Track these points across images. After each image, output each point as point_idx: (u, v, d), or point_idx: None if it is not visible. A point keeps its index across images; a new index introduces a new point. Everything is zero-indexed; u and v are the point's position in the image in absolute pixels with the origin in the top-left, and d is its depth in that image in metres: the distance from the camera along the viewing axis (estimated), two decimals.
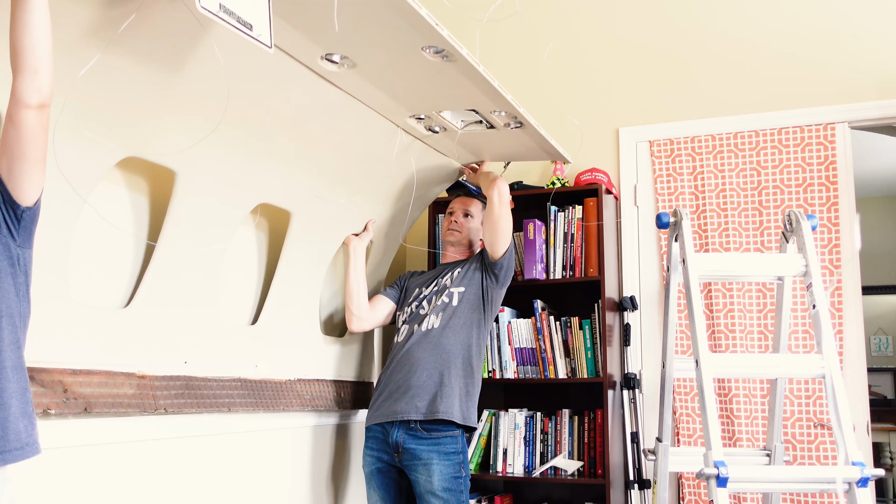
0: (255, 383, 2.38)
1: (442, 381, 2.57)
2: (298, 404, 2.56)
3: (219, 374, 2.24)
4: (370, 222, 2.82)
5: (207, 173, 2.04)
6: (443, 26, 1.76)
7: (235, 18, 1.44)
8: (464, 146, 2.66)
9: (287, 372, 2.55)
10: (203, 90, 1.83)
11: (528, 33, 3.65)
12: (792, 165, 3.12)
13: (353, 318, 2.79)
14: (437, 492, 2.50)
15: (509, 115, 2.35)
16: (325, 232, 2.64)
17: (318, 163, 2.37)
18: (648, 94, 3.40)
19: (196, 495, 2.18)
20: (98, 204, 1.88)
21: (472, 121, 2.44)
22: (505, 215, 2.63)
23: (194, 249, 2.08)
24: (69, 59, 1.53)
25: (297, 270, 2.57)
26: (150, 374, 2.00)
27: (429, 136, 2.55)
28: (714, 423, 2.13)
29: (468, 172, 2.88)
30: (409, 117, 2.39)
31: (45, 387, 1.70)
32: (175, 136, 1.89)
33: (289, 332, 2.57)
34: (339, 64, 1.97)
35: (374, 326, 2.89)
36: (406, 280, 2.93)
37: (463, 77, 2.05)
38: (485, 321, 2.73)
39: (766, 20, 3.26)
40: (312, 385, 2.67)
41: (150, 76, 1.71)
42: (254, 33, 1.49)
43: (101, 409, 1.83)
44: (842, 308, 2.99)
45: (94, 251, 1.92)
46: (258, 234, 2.53)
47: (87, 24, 1.53)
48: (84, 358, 1.82)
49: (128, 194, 2.05)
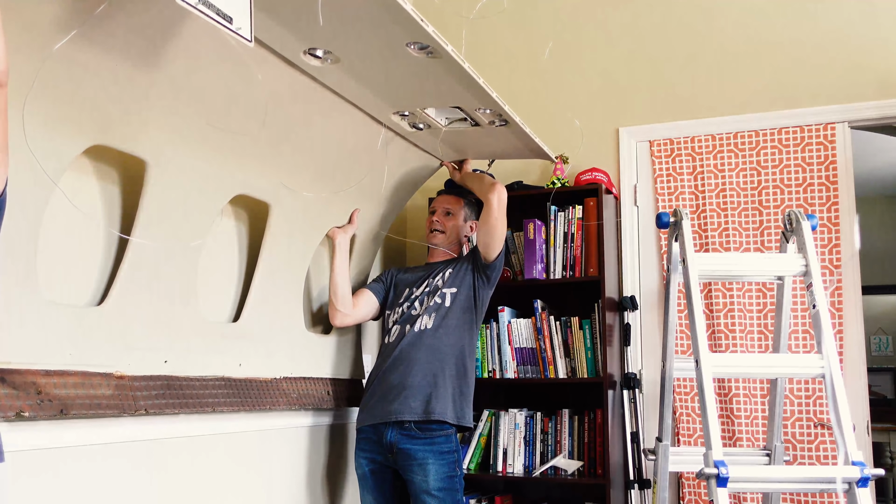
0: (240, 382, 2.32)
1: (436, 382, 2.57)
2: (285, 403, 2.51)
3: (201, 374, 2.17)
4: (355, 213, 2.78)
5: (180, 163, 1.99)
6: (428, 22, 1.75)
7: (215, 11, 1.41)
8: (447, 143, 2.66)
9: (272, 370, 2.49)
10: (177, 80, 1.80)
11: (528, 33, 3.65)
12: (792, 165, 3.12)
13: (336, 314, 2.75)
14: (433, 491, 2.50)
15: (494, 112, 2.34)
16: (306, 225, 2.60)
17: (297, 155, 2.34)
18: (648, 94, 3.40)
19: (180, 501, 2.13)
20: (70, 195, 1.81)
21: (457, 118, 2.44)
22: (502, 220, 2.64)
23: (170, 243, 2.01)
24: (40, 41, 1.50)
25: (280, 264, 2.51)
26: (129, 374, 1.93)
27: (412, 132, 2.54)
28: (714, 423, 2.13)
29: (451, 170, 2.88)
30: (392, 114, 2.38)
31: (17, 388, 1.63)
32: (146, 125, 1.84)
33: (273, 328, 2.51)
34: (322, 59, 1.96)
35: (357, 322, 2.86)
36: (393, 276, 2.89)
37: (448, 74, 2.04)
38: (476, 322, 2.74)
39: (765, 20, 3.26)
40: (299, 383, 2.62)
41: (123, 63, 1.68)
42: (233, 26, 1.47)
43: (77, 411, 1.77)
44: (842, 308, 2.99)
45: (64, 246, 1.85)
46: (238, 227, 2.48)
47: (61, 8, 1.50)
48: (58, 358, 1.75)
49: (98, 186, 1.98)
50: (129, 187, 2.04)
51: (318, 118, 2.27)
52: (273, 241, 2.45)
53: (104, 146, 1.83)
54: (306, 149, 2.36)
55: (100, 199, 1.99)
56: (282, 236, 2.49)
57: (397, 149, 2.62)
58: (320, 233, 2.69)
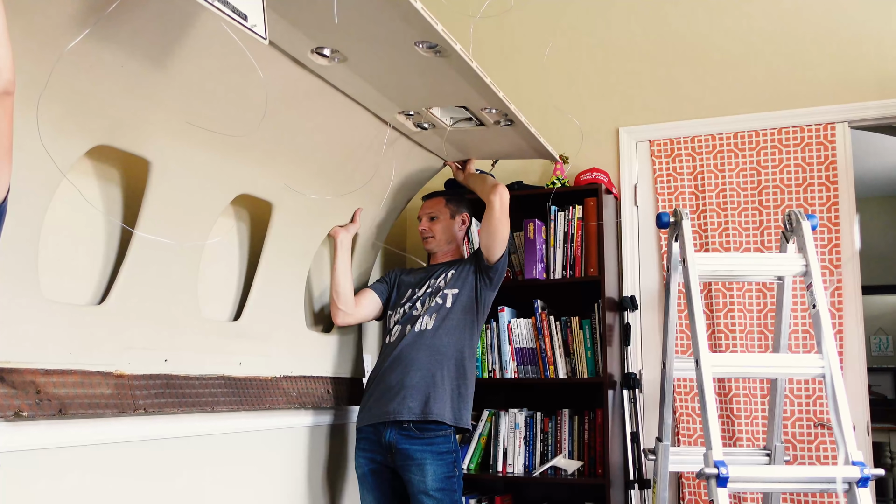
0: (240, 381, 2.32)
1: (434, 382, 2.56)
2: (285, 402, 2.51)
3: (201, 372, 2.17)
4: (358, 212, 2.78)
5: (184, 162, 1.98)
6: (437, 21, 1.75)
7: (230, 8, 1.41)
8: (452, 143, 2.65)
9: (272, 369, 2.49)
10: (182, 79, 1.80)
11: (528, 33, 3.65)
12: (792, 165, 3.12)
13: (338, 313, 2.76)
14: (431, 492, 2.50)
15: (500, 112, 2.33)
16: (309, 224, 2.60)
17: (300, 154, 2.34)
18: (648, 94, 3.40)
19: (179, 500, 2.13)
20: (71, 195, 1.81)
21: (462, 118, 2.43)
22: (504, 221, 2.63)
23: (172, 242, 2.01)
24: (50, 41, 1.49)
25: (281, 264, 2.51)
26: (129, 372, 1.92)
27: (417, 132, 2.53)
28: (714, 423, 2.13)
29: (454, 170, 2.88)
30: (398, 113, 2.37)
31: (16, 388, 1.63)
32: (150, 125, 1.84)
33: (273, 327, 2.51)
34: (329, 58, 1.96)
35: (359, 321, 2.86)
36: (397, 277, 2.90)
37: (455, 73, 2.04)
38: (477, 323, 2.73)
39: (766, 20, 3.26)
40: (299, 382, 2.62)
41: (129, 63, 1.68)
42: (249, 24, 1.46)
43: (76, 411, 1.76)
44: (842, 308, 2.99)
45: (66, 246, 1.85)
46: (240, 227, 2.47)
47: (73, 9, 1.50)
48: (58, 357, 1.75)
49: (101, 186, 1.97)
50: (130, 187, 2.04)
51: (323, 117, 2.27)
52: (275, 240, 2.45)
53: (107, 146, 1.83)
54: (310, 148, 2.35)
55: (101, 199, 1.99)
56: (284, 236, 2.49)
57: (401, 148, 2.62)
58: (322, 232, 2.69)
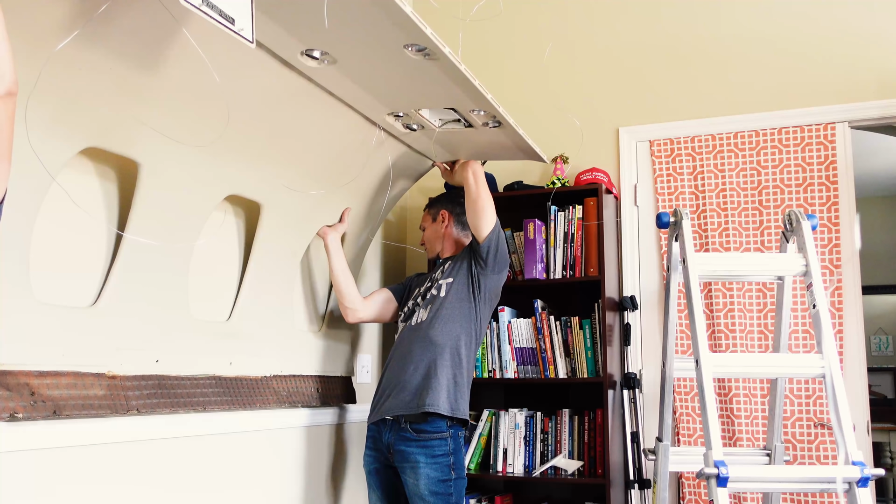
0: (230, 381, 2.34)
1: (429, 374, 2.52)
2: (275, 401, 2.52)
3: (192, 373, 2.19)
4: (346, 211, 2.79)
5: (172, 164, 1.99)
6: (426, 24, 1.76)
7: (217, 12, 1.41)
8: (440, 144, 2.66)
9: (263, 368, 2.50)
10: (171, 82, 1.80)
11: (528, 33, 3.65)
12: (792, 165, 3.12)
13: (347, 311, 2.78)
14: (424, 495, 2.46)
15: (488, 114, 2.34)
16: (298, 224, 2.61)
17: (289, 156, 2.35)
18: (648, 94, 3.40)
19: (173, 499, 2.13)
20: (63, 196, 1.81)
21: (451, 119, 2.44)
22: (483, 194, 2.58)
23: (163, 243, 2.03)
24: (40, 42, 1.50)
25: (271, 263, 2.53)
26: (121, 373, 1.94)
27: (406, 133, 2.55)
28: (714, 423, 2.13)
29: (443, 170, 2.88)
30: (387, 114, 2.39)
31: (10, 390, 1.64)
32: (139, 127, 1.84)
33: (264, 327, 2.52)
34: (319, 60, 1.97)
35: (373, 318, 2.85)
36: (411, 280, 2.94)
37: (444, 76, 2.05)
38: (477, 310, 2.63)
39: (766, 20, 3.26)
40: (289, 381, 2.63)
41: (118, 65, 1.68)
42: (236, 27, 1.47)
43: (70, 412, 1.78)
44: (842, 308, 2.99)
45: (58, 247, 1.86)
46: (230, 227, 2.48)
47: (62, 11, 1.50)
48: (51, 359, 1.76)
49: (101, 185, 1.98)
50: (130, 187, 2.05)
51: (312, 119, 2.28)
52: (264, 240, 2.47)
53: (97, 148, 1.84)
54: (298, 149, 2.36)
55: (95, 199, 1.99)
56: (273, 236, 2.50)
57: (390, 149, 2.63)
58: (311, 232, 2.70)
